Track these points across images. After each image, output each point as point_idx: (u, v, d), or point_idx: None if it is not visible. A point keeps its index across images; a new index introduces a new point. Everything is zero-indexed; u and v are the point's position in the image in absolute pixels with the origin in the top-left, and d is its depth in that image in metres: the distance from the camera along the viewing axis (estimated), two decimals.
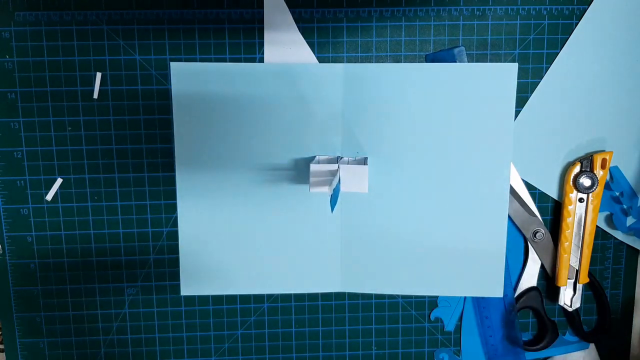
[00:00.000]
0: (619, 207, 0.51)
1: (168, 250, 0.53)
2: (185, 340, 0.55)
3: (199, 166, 0.51)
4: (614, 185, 0.51)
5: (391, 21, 0.50)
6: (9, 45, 0.49)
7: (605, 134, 0.51)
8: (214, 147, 0.51)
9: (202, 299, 0.54)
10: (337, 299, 0.54)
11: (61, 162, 0.51)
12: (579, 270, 0.52)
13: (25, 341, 0.54)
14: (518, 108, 0.51)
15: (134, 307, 0.54)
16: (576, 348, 0.55)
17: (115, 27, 0.49)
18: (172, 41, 0.50)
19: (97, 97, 0.50)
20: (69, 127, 0.51)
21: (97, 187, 0.52)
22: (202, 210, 0.52)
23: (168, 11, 0.49)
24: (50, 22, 0.49)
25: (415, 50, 0.50)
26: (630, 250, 0.54)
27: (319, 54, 0.50)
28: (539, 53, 0.50)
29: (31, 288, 0.53)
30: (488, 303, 0.54)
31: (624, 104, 0.51)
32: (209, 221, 0.52)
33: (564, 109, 0.51)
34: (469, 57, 0.50)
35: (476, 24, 0.50)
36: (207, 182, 0.52)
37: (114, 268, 0.53)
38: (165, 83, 0.50)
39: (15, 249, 0.53)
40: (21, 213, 0.52)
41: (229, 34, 0.50)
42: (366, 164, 0.48)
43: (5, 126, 0.50)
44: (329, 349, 0.55)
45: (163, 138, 0.51)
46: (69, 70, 0.50)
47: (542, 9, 0.50)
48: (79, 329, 0.54)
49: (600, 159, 0.50)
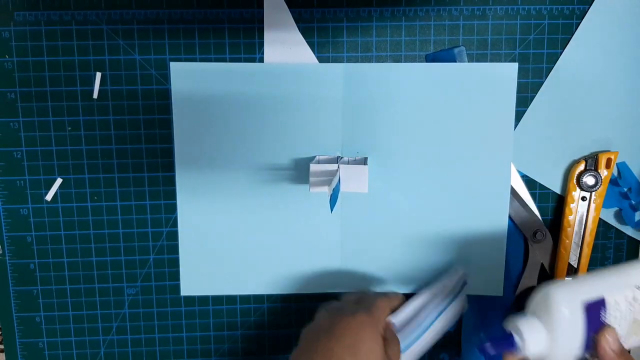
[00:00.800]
0: (627, 203, 0.52)
1: (168, 250, 0.53)
2: (185, 340, 0.55)
3: (199, 166, 0.51)
4: (622, 182, 0.51)
5: (391, 21, 0.50)
6: (9, 45, 0.49)
7: (611, 131, 0.51)
8: (213, 147, 0.51)
9: (202, 299, 0.54)
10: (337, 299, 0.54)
11: (61, 162, 0.51)
12: (577, 269, 0.52)
13: (25, 341, 0.54)
14: (518, 108, 0.51)
15: (133, 307, 0.54)
16: None
17: (115, 27, 0.49)
18: (171, 41, 0.50)
19: (96, 97, 0.50)
20: (69, 127, 0.51)
21: (96, 187, 0.52)
22: (202, 210, 0.52)
23: (168, 11, 0.49)
24: (50, 22, 0.49)
25: (415, 50, 0.50)
26: (630, 250, 0.54)
27: (319, 54, 0.50)
28: (539, 53, 0.50)
29: (31, 288, 0.53)
30: (488, 303, 0.54)
31: (630, 100, 0.51)
32: (209, 221, 0.52)
33: (569, 107, 0.51)
34: (469, 57, 0.50)
35: (476, 23, 0.50)
36: (207, 182, 0.51)
37: (113, 268, 0.53)
38: (165, 83, 0.50)
39: (15, 249, 0.53)
40: (21, 213, 0.52)
41: (229, 33, 0.50)
42: (366, 164, 0.48)
43: (5, 126, 0.50)
44: None
45: (163, 138, 0.51)
46: (69, 70, 0.50)
47: (542, 8, 0.50)
48: (78, 329, 0.54)
49: (605, 159, 0.50)
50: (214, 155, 0.51)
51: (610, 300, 0.39)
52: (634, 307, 0.39)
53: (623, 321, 0.39)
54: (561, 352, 0.38)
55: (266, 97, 0.50)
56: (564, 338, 0.38)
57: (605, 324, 0.38)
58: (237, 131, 0.51)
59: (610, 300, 0.39)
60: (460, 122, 0.50)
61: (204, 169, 0.51)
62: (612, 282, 0.40)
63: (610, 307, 0.38)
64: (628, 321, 0.39)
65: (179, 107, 0.50)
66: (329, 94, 0.50)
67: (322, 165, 0.47)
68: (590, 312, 0.38)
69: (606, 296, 0.39)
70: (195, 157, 0.51)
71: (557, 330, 0.38)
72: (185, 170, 0.51)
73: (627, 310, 0.39)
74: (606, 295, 0.39)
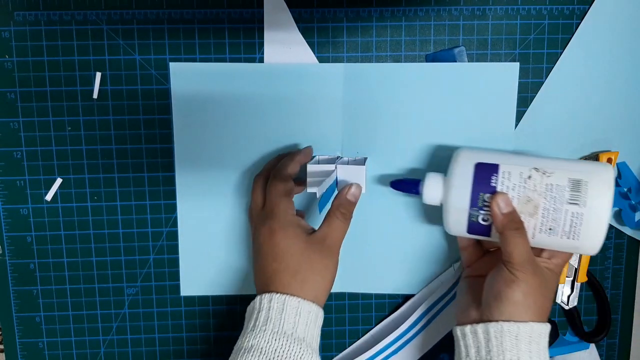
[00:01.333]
0: (627, 203, 0.51)
1: (168, 250, 0.53)
2: (185, 340, 0.55)
3: (198, 166, 0.51)
4: (622, 182, 0.51)
5: (391, 21, 0.50)
6: (9, 45, 0.49)
7: (611, 131, 0.51)
8: (213, 147, 0.51)
9: (202, 299, 0.54)
10: (337, 299, 0.54)
11: (61, 162, 0.51)
12: (577, 268, 0.52)
13: (25, 341, 0.54)
14: (518, 108, 0.51)
15: (133, 307, 0.54)
16: (576, 348, 0.55)
17: (115, 27, 0.49)
18: (171, 41, 0.50)
19: (96, 97, 0.50)
20: (69, 127, 0.51)
21: (96, 187, 0.52)
22: (201, 210, 0.52)
23: (168, 11, 0.49)
24: (50, 22, 0.49)
25: (415, 50, 0.50)
26: (630, 250, 0.54)
27: (319, 54, 0.50)
28: (539, 53, 0.50)
29: (31, 288, 0.53)
30: None
31: (630, 100, 0.51)
32: (209, 221, 0.52)
33: (569, 107, 0.51)
34: (469, 57, 0.50)
35: (476, 23, 0.50)
36: (207, 182, 0.51)
37: (113, 268, 0.53)
38: (165, 83, 0.50)
39: (15, 249, 0.53)
40: (21, 213, 0.52)
41: (229, 33, 0.50)
42: (364, 164, 0.48)
43: (5, 126, 0.50)
44: (329, 349, 0.55)
45: (163, 138, 0.51)
46: (69, 70, 0.50)
47: (542, 8, 0.50)
48: (78, 329, 0.54)
49: (605, 159, 0.50)
50: (214, 155, 0.51)
51: (504, 169, 0.43)
52: (528, 184, 0.42)
53: (516, 196, 0.42)
54: (451, 202, 0.44)
55: (266, 97, 0.50)
56: (455, 190, 0.43)
57: (496, 189, 0.42)
58: (237, 131, 0.51)
59: (505, 169, 0.43)
60: (460, 122, 0.50)
61: (204, 169, 0.51)
62: (514, 159, 0.44)
63: (502, 174, 0.43)
64: (521, 198, 0.42)
65: (179, 107, 0.50)
66: (329, 94, 0.50)
67: (319, 165, 0.47)
68: (480, 172, 0.43)
69: (501, 165, 0.43)
70: (195, 157, 0.51)
71: (450, 182, 0.44)
72: (185, 170, 0.51)
73: (519, 185, 0.42)
74: (502, 164, 0.43)
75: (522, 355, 0.40)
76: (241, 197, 0.52)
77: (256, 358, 0.39)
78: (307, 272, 0.42)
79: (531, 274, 0.41)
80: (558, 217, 0.42)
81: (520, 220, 0.42)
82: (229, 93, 0.50)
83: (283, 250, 0.43)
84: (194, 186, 0.52)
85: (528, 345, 0.40)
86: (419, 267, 0.53)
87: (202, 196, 0.52)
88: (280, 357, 0.39)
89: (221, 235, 0.53)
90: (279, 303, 0.41)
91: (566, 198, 0.41)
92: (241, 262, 0.53)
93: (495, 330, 0.40)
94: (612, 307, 0.54)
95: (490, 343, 0.40)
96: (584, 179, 0.41)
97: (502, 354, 0.40)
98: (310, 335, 0.42)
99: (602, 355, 0.56)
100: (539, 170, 0.42)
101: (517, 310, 0.40)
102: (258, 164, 0.51)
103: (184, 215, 0.52)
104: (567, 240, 0.42)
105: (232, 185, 0.51)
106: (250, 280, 0.53)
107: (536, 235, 0.43)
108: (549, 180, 0.42)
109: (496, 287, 0.42)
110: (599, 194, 0.41)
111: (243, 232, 0.52)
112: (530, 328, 0.40)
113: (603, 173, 0.41)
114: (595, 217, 0.41)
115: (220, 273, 0.53)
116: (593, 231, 0.41)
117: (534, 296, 0.41)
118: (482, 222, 0.43)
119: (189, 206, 0.52)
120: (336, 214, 0.44)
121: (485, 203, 0.43)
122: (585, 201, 0.41)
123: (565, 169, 0.42)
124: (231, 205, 0.52)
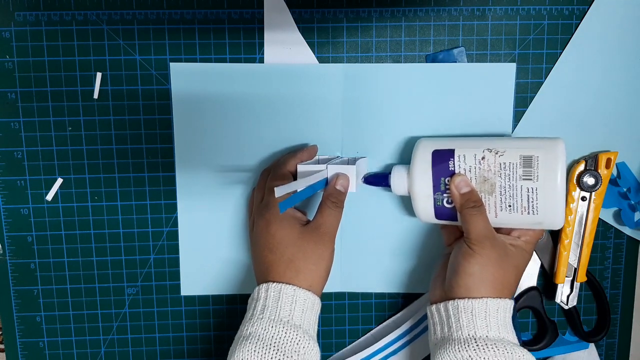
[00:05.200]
0: (626, 203, 0.52)
1: (168, 250, 0.53)
2: (185, 340, 0.55)
3: (199, 166, 0.51)
4: (622, 182, 0.51)
5: (391, 21, 0.50)
6: (9, 45, 0.49)
7: (611, 131, 0.51)
8: (213, 147, 0.51)
9: (202, 299, 0.54)
10: (337, 299, 0.54)
11: (61, 162, 0.51)
12: (577, 268, 0.52)
13: (25, 341, 0.54)
14: (518, 108, 0.51)
15: (134, 306, 0.54)
16: (576, 348, 0.55)
17: (116, 27, 0.49)
18: (172, 41, 0.50)
19: (97, 97, 0.50)
20: (70, 127, 0.51)
21: (97, 187, 0.52)
22: (202, 210, 0.52)
23: (168, 11, 0.49)
24: (51, 22, 0.49)
25: (415, 50, 0.50)
26: (630, 250, 0.54)
27: (319, 54, 0.50)
28: (539, 53, 0.50)
29: (31, 288, 0.53)
30: None
31: (630, 100, 0.51)
32: (209, 221, 0.52)
33: (569, 107, 0.51)
34: (469, 57, 0.50)
35: (476, 24, 0.50)
36: (207, 182, 0.52)
37: (114, 268, 0.53)
38: (165, 83, 0.50)
39: (15, 249, 0.53)
40: (21, 213, 0.52)
41: (229, 34, 0.50)
42: (355, 164, 0.47)
43: (6, 126, 0.50)
44: (329, 349, 0.55)
45: (163, 138, 0.51)
46: (69, 70, 0.50)
47: (542, 9, 0.50)
48: (79, 328, 0.54)
49: (605, 159, 0.50)
50: (214, 155, 0.51)
51: (459, 153, 0.45)
52: (482, 165, 0.44)
53: (473, 177, 0.44)
54: (416, 190, 0.46)
55: (266, 97, 0.50)
56: (418, 178, 0.46)
57: (454, 172, 0.45)
58: (237, 131, 0.51)
59: (459, 153, 0.45)
60: (459, 122, 0.50)
61: (204, 168, 0.51)
62: (467, 142, 0.45)
63: (458, 158, 0.45)
64: (478, 178, 0.44)
65: (179, 107, 0.50)
66: (328, 94, 0.50)
67: (309, 165, 0.47)
68: (438, 158, 0.45)
69: (456, 149, 0.45)
70: (196, 157, 0.51)
71: (412, 171, 0.46)
72: (185, 170, 0.51)
73: (475, 166, 0.44)
74: (457, 148, 0.45)
75: (478, 330, 0.41)
76: (241, 197, 0.52)
77: (254, 345, 0.40)
78: (301, 261, 0.43)
79: (489, 247, 0.42)
80: (515, 193, 0.43)
81: (479, 199, 0.44)
82: (229, 93, 0.50)
83: (278, 241, 0.44)
84: (194, 186, 0.52)
85: (484, 321, 0.41)
86: (419, 267, 0.53)
87: (202, 196, 0.52)
88: (277, 343, 0.40)
89: (221, 235, 0.53)
90: (275, 292, 0.42)
91: (519, 174, 0.43)
92: (241, 262, 0.53)
93: (453, 307, 0.42)
94: (611, 306, 0.54)
95: (450, 320, 0.42)
96: (535, 154, 0.43)
97: (460, 330, 0.41)
98: (307, 322, 0.43)
99: (602, 355, 0.56)
100: (491, 150, 0.44)
101: (474, 282, 0.42)
102: (258, 164, 0.51)
103: (184, 215, 0.52)
104: (528, 216, 0.44)
105: (232, 185, 0.52)
106: (251, 280, 0.53)
107: (498, 213, 0.44)
108: (501, 160, 0.43)
109: (455, 261, 0.43)
110: (550, 167, 0.42)
111: (243, 232, 0.53)
112: (485, 304, 0.41)
113: (553, 147, 0.43)
114: (549, 190, 0.42)
115: (221, 273, 0.53)
116: (550, 205, 0.43)
117: (492, 269, 0.42)
118: (446, 205, 0.45)
119: (189, 206, 0.52)
120: (327, 204, 0.45)
121: (447, 186, 0.45)
122: (537, 175, 0.43)
123: (516, 146, 0.44)
124: (231, 205, 0.52)
